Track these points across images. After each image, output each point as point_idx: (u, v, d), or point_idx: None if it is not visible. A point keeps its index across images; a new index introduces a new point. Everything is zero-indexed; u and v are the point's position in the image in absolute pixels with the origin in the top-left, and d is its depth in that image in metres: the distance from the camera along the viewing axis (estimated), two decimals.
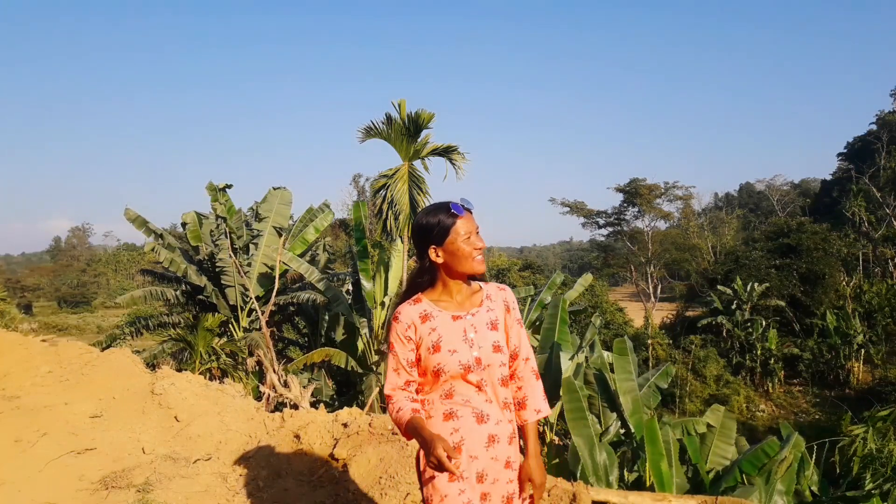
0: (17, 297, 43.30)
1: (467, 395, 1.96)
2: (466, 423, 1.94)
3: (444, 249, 1.97)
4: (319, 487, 3.58)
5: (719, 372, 24.35)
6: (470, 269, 1.99)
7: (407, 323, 1.99)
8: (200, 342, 9.44)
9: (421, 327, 1.98)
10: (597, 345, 8.99)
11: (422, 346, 1.97)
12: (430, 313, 1.99)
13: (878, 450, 4.91)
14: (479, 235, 2.01)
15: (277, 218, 12.60)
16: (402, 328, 1.99)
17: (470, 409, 1.94)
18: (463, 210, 1.99)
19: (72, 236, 76.54)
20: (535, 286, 19.58)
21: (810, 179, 65.49)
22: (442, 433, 1.90)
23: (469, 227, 1.98)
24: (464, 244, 1.96)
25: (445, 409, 1.95)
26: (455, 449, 1.87)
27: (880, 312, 25.87)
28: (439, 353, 1.94)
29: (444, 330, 1.97)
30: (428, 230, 1.98)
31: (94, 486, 3.28)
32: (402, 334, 1.98)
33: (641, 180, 35.23)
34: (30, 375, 4.25)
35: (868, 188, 34.10)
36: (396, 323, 2.00)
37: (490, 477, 1.95)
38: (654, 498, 4.13)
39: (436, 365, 1.94)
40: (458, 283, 2.03)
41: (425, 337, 1.97)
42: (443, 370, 1.94)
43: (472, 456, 1.93)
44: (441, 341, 1.95)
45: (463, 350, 1.95)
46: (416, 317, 1.99)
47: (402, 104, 9.73)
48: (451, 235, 1.96)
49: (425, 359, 1.96)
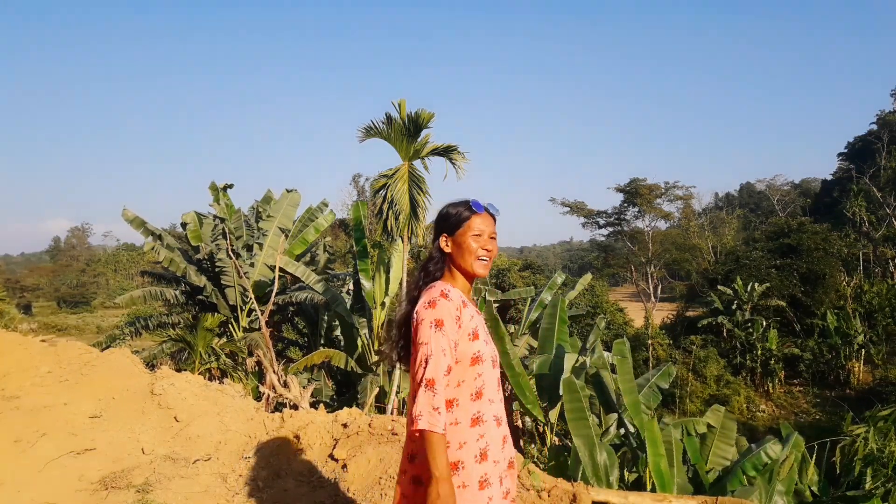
0: (16, 297, 43.30)
1: (492, 394, 1.93)
2: (490, 427, 1.91)
3: (453, 240, 1.98)
4: (319, 487, 3.57)
5: (719, 372, 24.32)
6: (470, 267, 1.97)
7: (458, 302, 1.89)
8: (200, 342, 9.44)
9: (464, 311, 1.90)
10: (598, 345, 8.99)
11: (462, 332, 1.89)
12: (465, 300, 1.95)
13: (879, 450, 4.90)
14: (493, 240, 1.99)
15: (284, 219, 12.66)
16: (452, 307, 1.87)
17: (492, 412, 1.92)
18: (483, 209, 1.99)
19: (71, 236, 76.57)
20: (535, 286, 19.57)
21: (811, 179, 65.54)
22: (469, 441, 1.87)
23: (484, 227, 1.97)
24: (472, 240, 1.96)
25: (474, 413, 1.89)
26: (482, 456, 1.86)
27: (881, 312, 25.86)
28: (478, 341, 1.91)
29: (479, 319, 1.96)
30: (445, 218, 2.01)
31: (93, 486, 3.27)
32: (453, 312, 1.86)
33: (641, 180, 35.17)
34: (29, 375, 4.24)
35: (868, 188, 34.10)
36: (447, 301, 1.87)
37: (505, 476, 1.95)
38: (655, 498, 4.12)
39: (476, 352, 1.89)
40: (464, 280, 2.02)
41: (467, 322, 1.89)
42: (481, 358, 1.90)
43: (495, 461, 1.90)
44: (478, 329, 1.92)
45: (490, 342, 1.96)
46: (461, 299, 1.93)
47: (402, 104, 9.72)
48: (462, 228, 1.97)
49: (464, 345, 1.88)
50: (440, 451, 1.73)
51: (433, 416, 1.74)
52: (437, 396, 1.76)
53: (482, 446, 1.87)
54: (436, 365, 1.79)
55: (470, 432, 1.87)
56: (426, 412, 1.74)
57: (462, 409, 1.87)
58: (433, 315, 1.84)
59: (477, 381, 1.89)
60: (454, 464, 1.84)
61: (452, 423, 1.86)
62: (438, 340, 1.81)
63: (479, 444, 1.87)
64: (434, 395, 1.76)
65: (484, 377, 1.90)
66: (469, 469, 1.85)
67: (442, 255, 2.01)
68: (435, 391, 1.76)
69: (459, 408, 1.87)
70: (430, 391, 1.76)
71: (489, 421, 1.90)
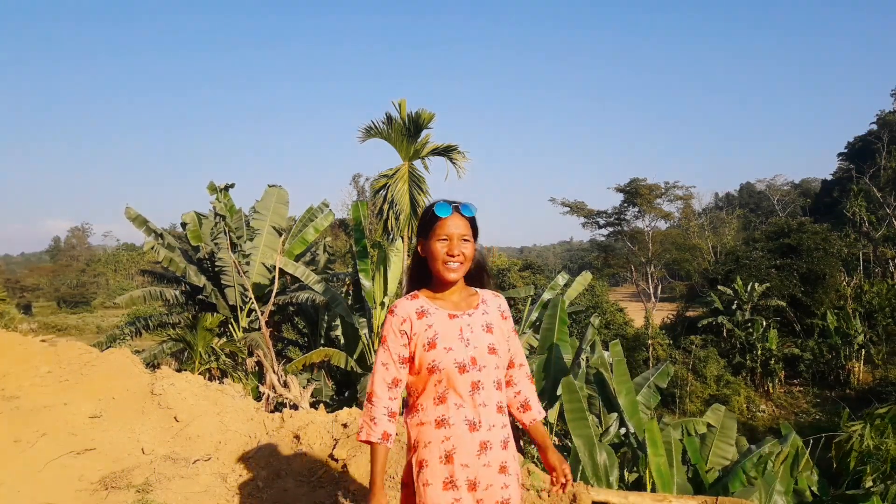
0: (16, 297, 43.36)
1: (460, 400, 1.92)
2: (458, 430, 1.90)
3: (426, 245, 1.98)
4: (319, 487, 3.57)
5: (719, 372, 24.34)
6: (437, 272, 1.96)
7: (402, 317, 1.96)
8: (200, 342, 9.44)
9: (417, 323, 1.94)
10: (597, 345, 8.98)
11: (417, 343, 1.94)
12: (426, 310, 1.97)
13: (875, 447, 4.91)
14: (462, 242, 1.94)
15: (275, 217, 12.58)
16: (397, 322, 1.96)
17: (462, 416, 1.91)
18: (450, 211, 1.95)
19: (71, 236, 76.60)
20: (536, 286, 19.57)
21: (811, 179, 65.58)
22: (433, 441, 1.91)
23: (450, 230, 1.93)
24: (438, 245, 1.93)
25: (437, 416, 1.92)
26: (447, 458, 1.90)
27: (881, 312, 25.87)
28: (435, 350, 1.91)
29: (440, 327, 1.95)
30: (420, 222, 2.04)
31: (93, 486, 3.27)
32: (396, 328, 1.95)
33: (642, 180, 35.18)
34: (29, 375, 4.24)
35: (868, 188, 34.12)
36: (392, 316, 1.97)
37: (483, 483, 1.92)
38: (655, 498, 4.13)
39: (430, 361, 1.91)
40: (444, 284, 2.01)
41: (421, 333, 1.93)
42: (437, 367, 1.90)
43: (463, 464, 1.90)
44: (437, 338, 1.92)
45: (459, 348, 1.93)
46: (412, 312, 1.96)
47: (403, 104, 9.72)
48: (431, 232, 1.95)
49: (420, 356, 1.93)
50: (374, 463, 1.92)
51: (368, 426, 1.92)
52: (374, 408, 1.93)
53: (447, 448, 1.90)
54: (374, 378, 1.96)
55: (435, 433, 1.92)
56: (364, 424, 1.94)
57: (426, 412, 1.95)
58: (383, 330, 2.00)
59: (438, 387, 1.93)
60: (420, 462, 1.94)
61: (419, 423, 1.96)
62: (380, 355, 1.97)
63: (444, 446, 1.90)
64: (372, 407, 1.94)
65: (445, 384, 1.92)
66: (433, 468, 1.91)
67: (418, 259, 2.04)
68: (373, 402, 1.94)
69: (424, 411, 1.96)
70: (369, 403, 1.95)
71: (457, 424, 1.90)
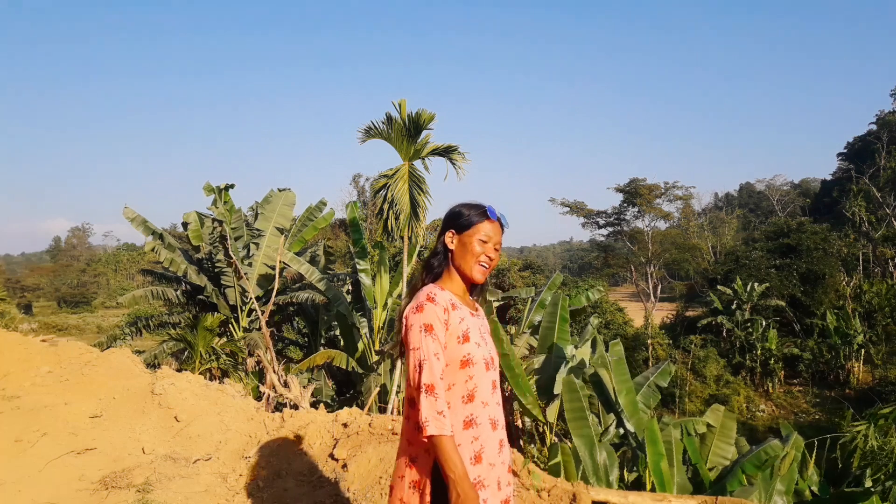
0: (16, 297, 43.35)
1: (486, 397, 1.92)
2: (484, 430, 1.91)
3: (459, 239, 1.99)
4: (319, 487, 3.58)
5: (719, 372, 24.34)
6: (468, 270, 1.98)
7: (444, 305, 1.90)
8: (200, 342, 9.42)
9: (452, 313, 1.91)
10: (599, 344, 8.98)
11: (450, 335, 1.89)
12: (455, 303, 1.95)
13: (879, 447, 4.90)
14: (497, 251, 2.01)
15: (280, 219, 12.62)
16: (439, 310, 1.88)
17: (487, 415, 1.91)
18: (496, 218, 2.02)
19: (72, 236, 76.59)
20: (535, 286, 19.56)
21: (810, 179, 65.56)
22: (463, 444, 1.87)
23: (492, 234, 1.99)
24: (477, 244, 1.97)
25: (466, 416, 1.89)
26: (476, 458, 1.87)
27: (880, 312, 25.85)
28: (469, 343, 1.90)
29: (469, 322, 1.95)
30: (457, 216, 2.01)
31: (94, 485, 3.28)
32: (440, 316, 1.87)
33: (641, 180, 35.21)
34: (30, 375, 4.25)
35: (868, 188, 34.10)
36: (433, 304, 1.88)
37: (504, 481, 1.94)
38: (654, 498, 4.13)
39: (465, 354, 1.89)
40: (461, 281, 2.02)
41: (455, 325, 1.90)
42: (472, 361, 1.89)
43: (490, 464, 1.90)
44: (469, 332, 1.92)
45: (483, 346, 1.95)
46: (448, 303, 1.92)
47: (403, 104, 9.72)
48: (472, 229, 1.98)
49: (452, 348, 1.89)
50: (453, 453, 1.76)
51: (439, 419, 1.77)
52: (438, 400, 1.79)
53: (476, 449, 1.88)
54: (431, 369, 1.81)
55: (463, 434, 1.87)
56: (432, 417, 1.77)
57: (454, 411, 1.88)
58: (421, 320, 1.86)
59: (468, 383, 1.89)
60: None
61: None
62: (429, 345, 1.83)
63: (474, 447, 1.88)
64: (436, 400, 1.79)
65: (476, 380, 1.90)
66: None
67: (445, 250, 2.02)
68: (436, 395, 1.79)
69: (451, 410, 1.88)
70: (432, 396, 1.79)
71: (483, 424, 1.90)
